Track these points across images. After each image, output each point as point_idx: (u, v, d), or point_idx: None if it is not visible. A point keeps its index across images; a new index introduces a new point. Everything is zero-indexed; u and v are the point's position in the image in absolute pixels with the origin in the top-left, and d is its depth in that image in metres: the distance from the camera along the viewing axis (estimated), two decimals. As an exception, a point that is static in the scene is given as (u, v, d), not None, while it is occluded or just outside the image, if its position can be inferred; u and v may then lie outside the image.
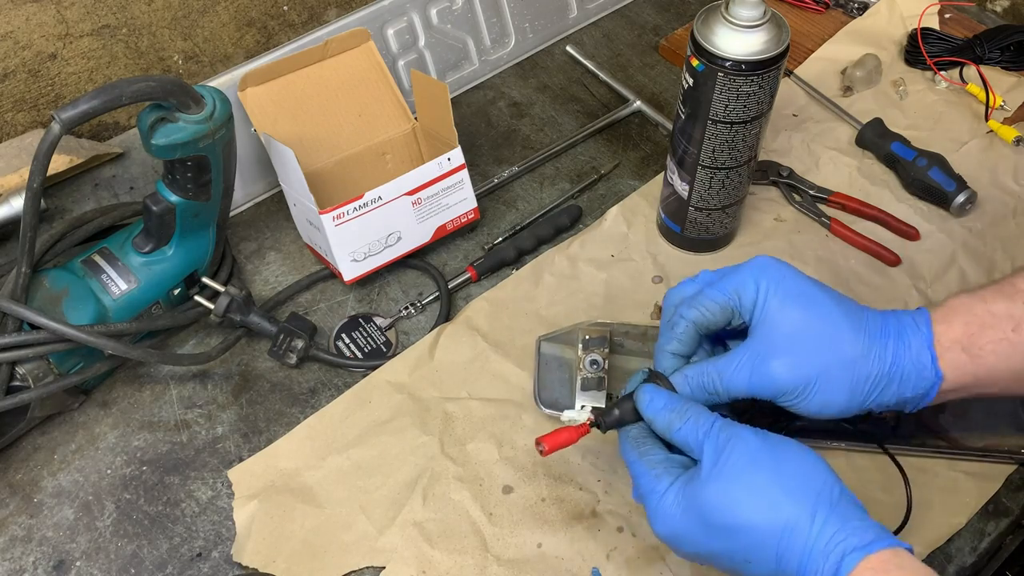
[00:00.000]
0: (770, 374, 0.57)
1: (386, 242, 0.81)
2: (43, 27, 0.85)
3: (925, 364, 0.57)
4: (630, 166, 0.94)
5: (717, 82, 0.70)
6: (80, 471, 0.71)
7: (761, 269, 0.59)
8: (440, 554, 0.66)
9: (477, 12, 0.98)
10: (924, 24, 1.01)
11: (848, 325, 0.58)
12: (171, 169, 0.71)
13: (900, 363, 0.57)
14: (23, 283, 0.67)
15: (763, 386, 0.57)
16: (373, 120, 0.88)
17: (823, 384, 0.57)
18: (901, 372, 0.57)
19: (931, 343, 0.57)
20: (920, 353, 0.57)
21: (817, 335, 0.57)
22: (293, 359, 0.76)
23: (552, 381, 0.74)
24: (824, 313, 0.58)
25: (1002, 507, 0.69)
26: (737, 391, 0.58)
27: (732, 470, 0.53)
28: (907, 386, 0.58)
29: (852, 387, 0.57)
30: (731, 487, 0.53)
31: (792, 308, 0.58)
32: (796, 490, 0.52)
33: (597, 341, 0.73)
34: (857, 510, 0.52)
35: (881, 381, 0.57)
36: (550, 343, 0.75)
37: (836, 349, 0.57)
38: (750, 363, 0.57)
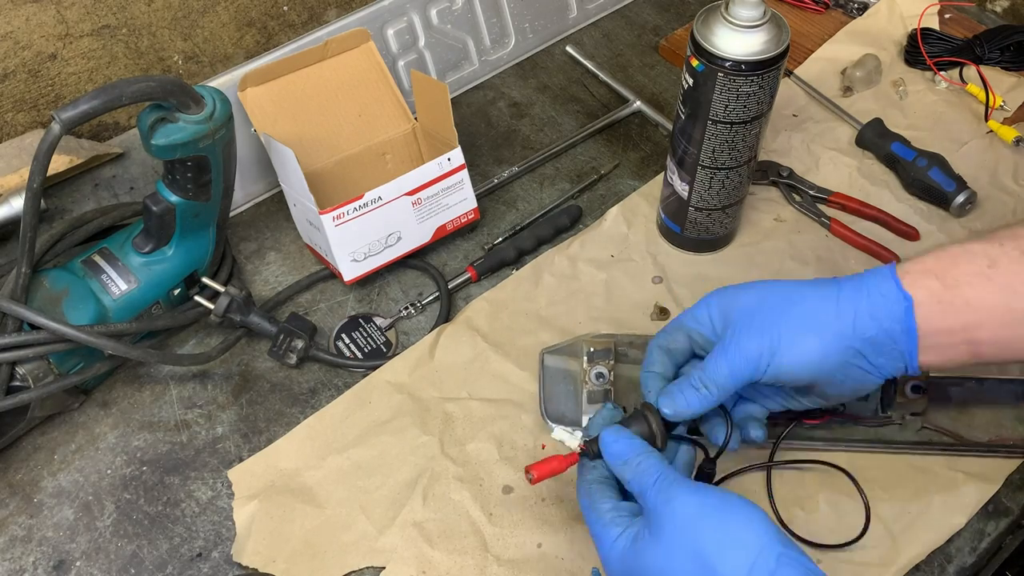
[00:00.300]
0: (740, 349, 0.58)
1: (386, 242, 0.81)
2: (43, 27, 0.85)
3: (889, 288, 0.56)
4: (630, 166, 0.94)
5: (717, 82, 0.70)
6: (80, 471, 0.71)
7: (713, 293, 0.62)
8: (440, 554, 0.66)
9: (477, 12, 0.98)
10: (924, 24, 1.01)
11: (801, 285, 0.59)
12: (171, 169, 0.71)
13: (863, 290, 0.56)
14: (23, 283, 0.67)
15: (741, 365, 0.58)
16: (373, 120, 0.88)
17: (790, 338, 0.57)
18: (868, 300, 0.56)
19: (894, 273, 0.57)
20: (882, 280, 0.56)
21: (771, 302, 0.59)
22: (293, 359, 0.76)
23: (558, 394, 0.73)
24: (775, 287, 0.60)
25: (1002, 507, 0.69)
26: (721, 378, 0.58)
27: (667, 538, 0.52)
28: (879, 311, 0.56)
29: (820, 332, 0.57)
30: (665, 556, 0.52)
31: (743, 295, 0.60)
32: (730, 554, 0.50)
33: (601, 353, 0.73)
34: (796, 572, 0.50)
35: (847, 317, 0.56)
36: (554, 356, 0.75)
37: (794, 306, 0.58)
38: (723, 351, 0.59)
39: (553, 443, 0.72)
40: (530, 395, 0.75)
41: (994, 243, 0.56)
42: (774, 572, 0.49)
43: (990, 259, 0.55)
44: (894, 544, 0.66)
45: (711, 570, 0.50)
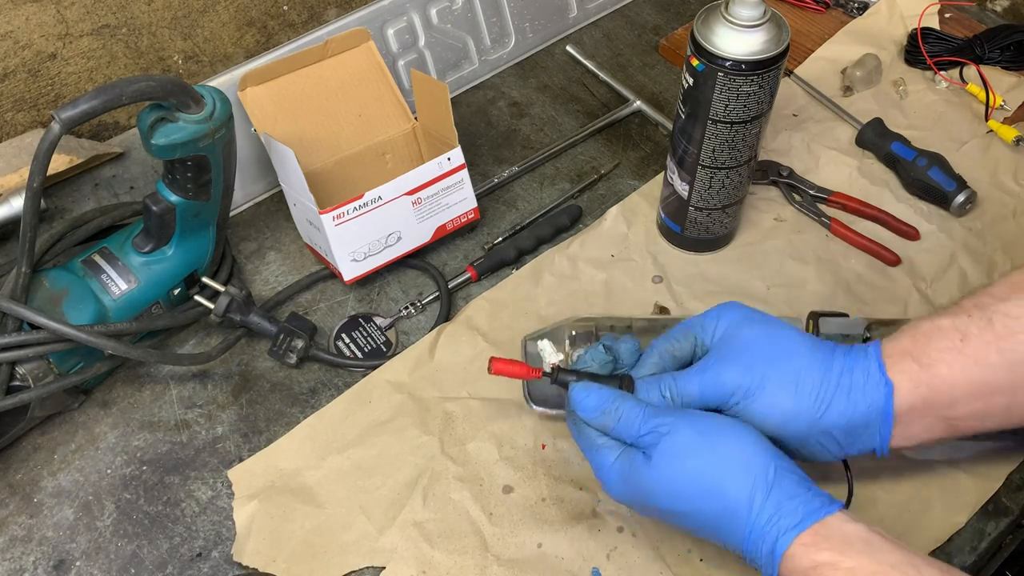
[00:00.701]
0: (718, 377, 0.59)
1: (386, 242, 0.81)
2: (43, 27, 0.85)
3: (873, 371, 0.57)
4: (630, 166, 0.94)
5: (717, 82, 0.70)
6: (80, 471, 0.71)
7: (727, 306, 0.63)
8: (440, 554, 0.66)
9: (477, 12, 0.98)
10: (924, 24, 1.01)
11: (801, 342, 0.59)
12: (171, 169, 0.71)
13: (849, 369, 0.58)
14: (23, 283, 0.67)
15: (712, 391, 0.59)
16: (373, 120, 0.88)
17: (769, 385, 0.58)
18: (850, 379, 0.58)
19: (879, 355, 0.58)
20: (868, 362, 0.58)
21: (767, 347, 0.59)
22: (293, 359, 0.76)
23: (541, 380, 0.73)
24: (777, 333, 0.60)
25: (1002, 507, 0.69)
26: (689, 396, 0.59)
27: (666, 461, 0.55)
28: (857, 396, 0.57)
29: (797, 390, 0.58)
30: (666, 478, 0.55)
31: (747, 328, 0.61)
32: (730, 477, 0.54)
33: (583, 337, 0.73)
34: (796, 485, 0.54)
35: (828, 388, 0.57)
36: (536, 342, 0.74)
37: (784, 358, 0.59)
38: (701, 371, 0.60)
39: (552, 443, 0.72)
40: (530, 395, 0.75)
41: (962, 316, 0.57)
42: (773, 483, 0.53)
43: (961, 333, 0.57)
44: (894, 544, 0.66)
45: (718, 488, 0.54)
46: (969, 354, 0.56)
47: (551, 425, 0.73)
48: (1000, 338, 0.56)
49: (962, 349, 0.56)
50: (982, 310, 0.57)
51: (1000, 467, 0.70)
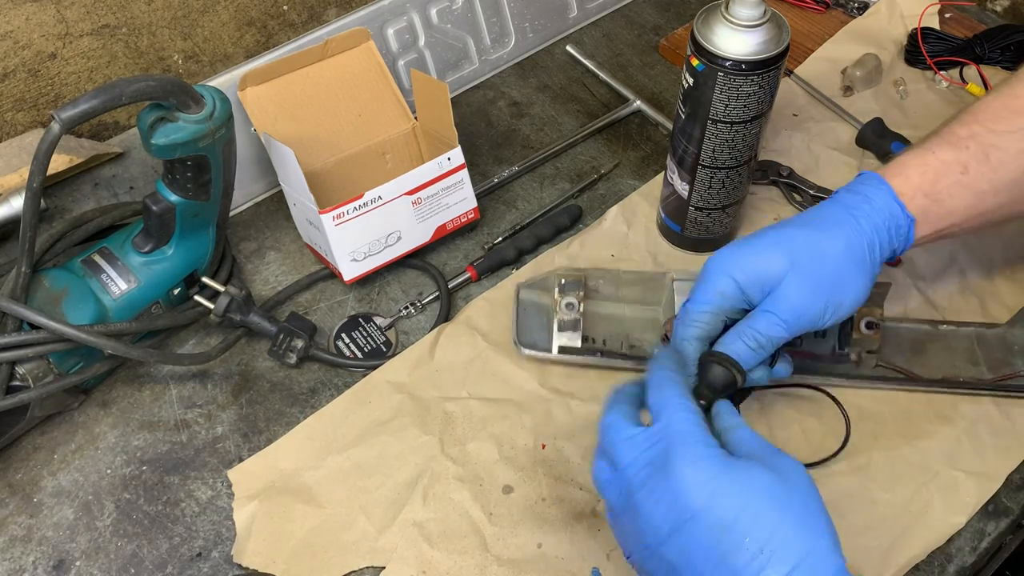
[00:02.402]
0: (801, 311, 0.60)
1: (386, 242, 0.81)
2: (43, 27, 0.85)
3: (897, 214, 0.62)
4: (630, 166, 0.94)
5: (717, 82, 0.70)
6: (80, 471, 0.71)
7: (720, 263, 0.62)
8: (440, 554, 0.66)
9: (477, 12, 0.98)
10: (924, 24, 1.01)
11: (822, 232, 0.62)
12: (171, 169, 0.71)
13: (877, 220, 0.62)
14: (23, 283, 0.67)
15: (802, 325, 0.60)
16: (373, 120, 0.88)
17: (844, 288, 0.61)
18: (884, 227, 0.62)
19: (895, 195, 0.63)
20: (889, 202, 0.62)
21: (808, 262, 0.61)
22: (293, 359, 0.76)
23: (531, 326, 0.77)
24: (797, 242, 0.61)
25: (1002, 507, 0.69)
26: (779, 341, 0.60)
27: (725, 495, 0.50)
28: (892, 239, 0.62)
29: (861, 270, 0.61)
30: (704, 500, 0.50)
31: (769, 259, 0.61)
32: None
33: (572, 285, 0.76)
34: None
35: (875, 251, 0.62)
36: (528, 289, 0.79)
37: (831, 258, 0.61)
38: (776, 314, 0.60)
39: (552, 443, 0.72)
40: (531, 394, 0.75)
41: (960, 148, 0.63)
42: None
43: (962, 166, 0.63)
44: (894, 544, 0.66)
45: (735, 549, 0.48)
46: (970, 186, 0.63)
47: (551, 425, 0.73)
48: (993, 170, 0.63)
49: (964, 182, 0.63)
50: (978, 143, 0.63)
51: (1000, 467, 0.70)
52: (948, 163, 0.63)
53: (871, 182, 0.64)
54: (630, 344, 0.76)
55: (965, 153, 0.63)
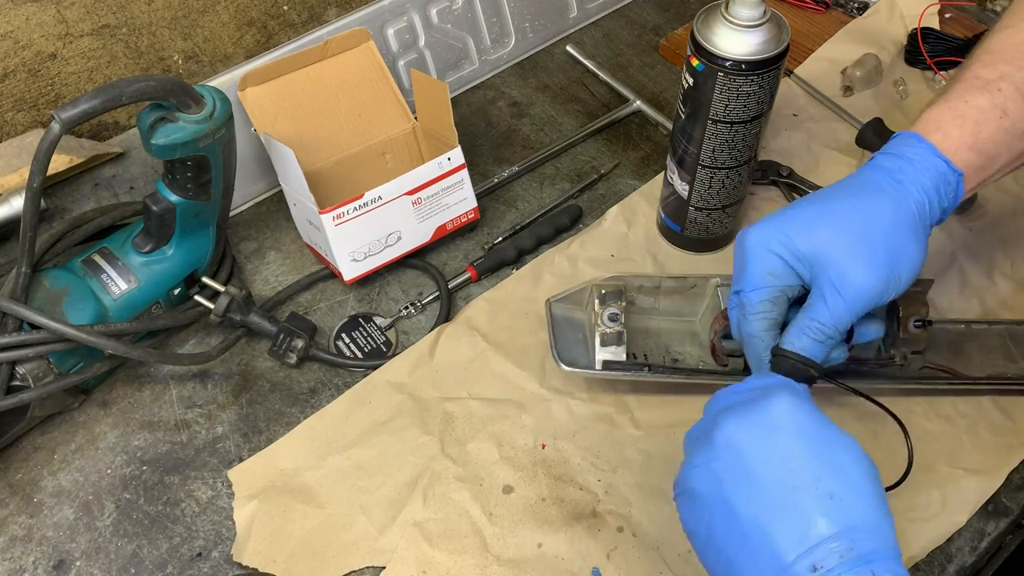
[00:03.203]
0: (860, 290, 0.57)
1: (386, 242, 0.81)
2: (43, 27, 0.85)
3: (944, 171, 0.60)
4: (630, 166, 0.94)
5: (717, 82, 0.70)
6: (80, 471, 0.71)
7: (760, 238, 0.59)
8: (440, 554, 0.66)
9: (477, 12, 0.98)
10: (924, 24, 1.01)
11: (867, 198, 0.59)
12: (171, 169, 0.71)
13: (924, 181, 0.59)
14: (23, 283, 0.67)
15: (864, 304, 0.57)
16: (373, 120, 0.88)
17: (903, 259, 0.58)
18: (932, 187, 0.59)
19: (938, 152, 0.60)
20: (935, 161, 0.60)
21: (857, 233, 0.58)
22: (293, 359, 0.76)
23: (568, 341, 0.73)
24: (844, 211, 0.59)
25: (1002, 507, 0.69)
26: (846, 325, 0.58)
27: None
28: (942, 197, 0.60)
29: (917, 236, 0.59)
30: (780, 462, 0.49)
31: (818, 233, 0.58)
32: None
33: (613, 295, 0.72)
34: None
35: (924, 214, 0.59)
36: (560, 303, 0.75)
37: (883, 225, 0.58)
38: (838, 295, 0.57)
39: (552, 443, 0.72)
40: (531, 395, 0.75)
41: (993, 91, 0.60)
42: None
43: (1001, 110, 0.60)
44: (894, 544, 0.66)
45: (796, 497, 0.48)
46: (1010, 129, 0.60)
47: (551, 425, 0.73)
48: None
49: (1004, 126, 0.60)
50: (1009, 82, 0.60)
51: (1000, 467, 0.70)
52: (985, 110, 0.60)
53: (909, 142, 0.61)
54: (672, 358, 0.74)
55: (1000, 96, 0.60)
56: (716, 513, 0.50)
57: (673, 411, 0.73)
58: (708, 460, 0.51)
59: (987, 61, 0.62)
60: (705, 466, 0.51)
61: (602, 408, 0.74)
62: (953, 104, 0.61)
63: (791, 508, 0.47)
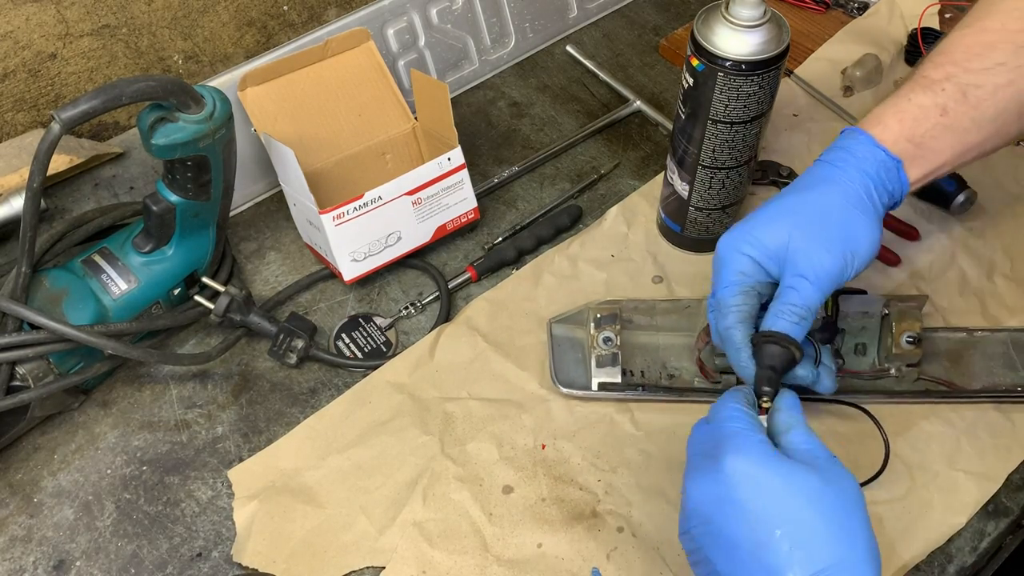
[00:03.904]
0: (824, 269, 0.61)
1: (386, 242, 0.81)
2: (43, 27, 0.85)
3: (882, 158, 0.63)
4: (630, 166, 0.94)
5: (717, 82, 0.70)
6: (80, 471, 0.71)
7: (733, 242, 0.64)
8: (440, 554, 0.66)
9: (477, 12, 0.98)
10: (924, 24, 1.01)
11: (812, 194, 0.64)
12: (171, 169, 0.71)
13: (867, 171, 0.63)
14: (23, 283, 0.67)
15: (829, 282, 0.61)
16: (373, 120, 0.88)
17: (857, 236, 0.62)
18: (875, 174, 0.63)
19: (876, 142, 0.63)
20: (873, 152, 0.63)
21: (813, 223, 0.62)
22: (293, 359, 0.76)
23: (567, 362, 0.75)
24: (800, 209, 0.63)
25: (1002, 507, 0.69)
26: (816, 303, 0.61)
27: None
28: (886, 183, 0.63)
29: (867, 215, 0.62)
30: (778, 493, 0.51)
31: (778, 231, 0.62)
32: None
33: (608, 319, 0.74)
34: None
35: (873, 196, 0.63)
36: (560, 324, 0.77)
37: (835, 212, 0.62)
38: (803, 278, 0.61)
39: (552, 443, 0.72)
40: (531, 395, 0.75)
41: (936, 91, 0.64)
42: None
43: (941, 109, 0.63)
44: (894, 544, 0.66)
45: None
46: (950, 126, 0.63)
47: (551, 425, 0.73)
48: (974, 108, 0.63)
49: (944, 123, 0.63)
50: (954, 83, 0.63)
51: (999, 469, 0.70)
52: (926, 108, 0.63)
53: (849, 136, 0.65)
54: (668, 373, 0.75)
55: (942, 96, 0.63)
56: (706, 571, 0.53)
57: (673, 412, 0.73)
58: (687, 527, 0.54)
59: (937, 62, 0.65)
60: (687, 532, 0.55)
61: (602, 408, 0.74)
62: (897, 101, 0.65)
63: (758, 566, 0.49)
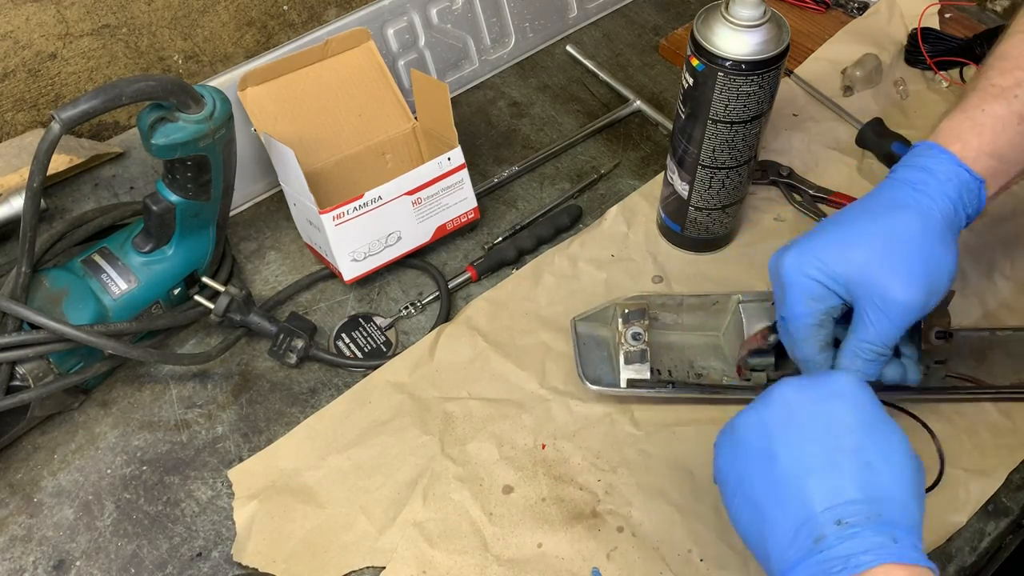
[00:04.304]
0: (903, 306, 0.59)
1: (386, 242, 0.81)
2: (43, 27, 0.85)
3: (966, 179, 0.60)
4: (630, 166, 0.94)
5: (717, 82, 0.70)
6: (80, 471, 0.71)
7: (793, 262, 0.61)
8: (440, 554, 0.66)
9: (477, 12, 0.98)
10: (924, 24, 1.01)
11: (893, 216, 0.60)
12: (171, 169, 0.71)
13: (949, 195, 0.60)
14: (23, 283, 0.67)
15: (909, 318, 0.59)
16: (373, 120, 0.88)
17: (935, 268, 0.59)
18: (956, 196, 0.60)
19: (959, 161, 0.61)
20: (957, 173, 0.60)
21: (888, 249, 0.60)
22: (293, 359, 0.76)
23: (593, 359, 0.74)
24: (876, 231, 0.60)
25: (1002, 507, 0.69)
26: (894, 341, 0.60)
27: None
28: (966, 205, 0.61)
29: (947, 246, 0.60)
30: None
31: (852, 254, 0.60)
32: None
33: (636, 314, 0.73)
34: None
35: (952, 222, 0.61)
36: (585, 323, 0.76)
37: (913, 240, 0.59)
38: (883, 315, 0.59)
39: (552, 443, 0.72)
40: (531, 395, 0.75)
41: (1010, 99, 0.62)
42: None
43: (1018, 117, 0.61)
44: (894, 544, 0.66)
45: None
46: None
47: (551, 425, 0.73)
48: None
49: (1022, 131, 0.62)
50: (1021, 87, 0.62)
51: (1000, 468, 0.70)
52: (1003, 118, 0.62)
53: (929, 153, 0.62)
54: (696, 372, 0.74)
55: (1016, 102, 0.62)
56: (756, 459, 0.52)
57: (673, 411, 0.73)
58: (760, 410, 0.53)
59: (1002, 68, 0.63)
60: (756, 415, 0.53)
61: (602, 408, 0.74)
62: (970, 113, 0.62)
63: (830, 466, 0.49)
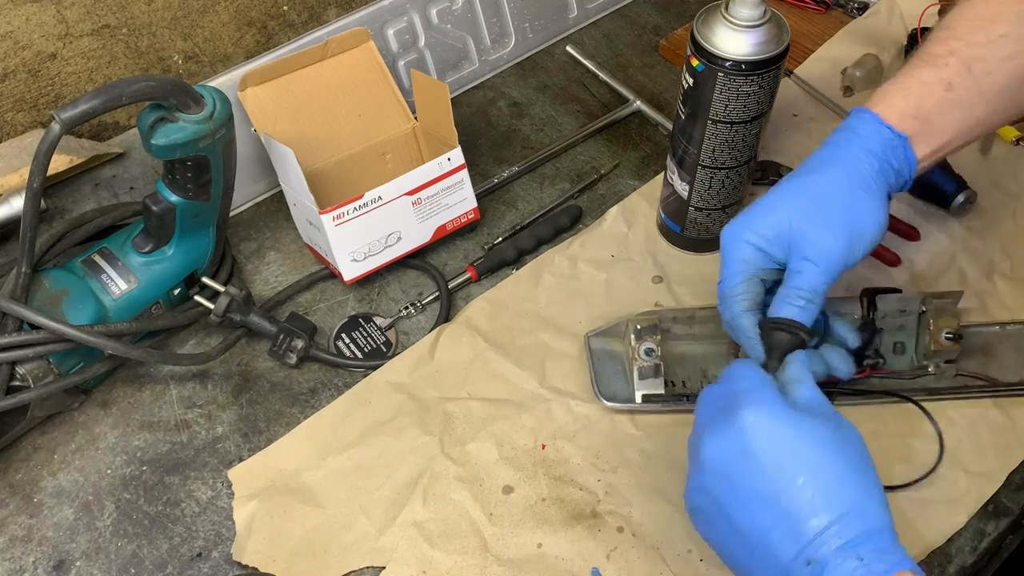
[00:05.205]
0: (828, 252, 0.60)
1: (386, 242, 0.81)
2: (43, 27, 0.85)
3: (887, 135, 0.62)
4: (630, 166, 0.94)
5: (717, 82, 0.70)
6: (80, 471, 0.71)
7: (737, 231, 0.63)
8: (440, 554, 0.66)
9: (477, 12, 0.98)
10: (924, 24, 1.01)
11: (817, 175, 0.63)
12: (171, 169, 0.71)
13: (872, 150, 0.62)
14: (23, 283, 0.67)
15: (834, 264, 0.60)
16: (373, 120, 0.88)
17: (861, 215, 0.61)
18: (881, 152, 0.62)
19: (880, 119, 0.62)
20: (877, 130, 0.62)
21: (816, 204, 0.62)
22: (293, 359, 0.76)
23: (607, 375, 0.74)
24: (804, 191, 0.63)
25: (1002, 507, 0.69)
26: (823, 287, 0.61)
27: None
28: (893, 160, 0.62)
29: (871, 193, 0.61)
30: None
31: (780, 215, 0.62)
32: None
33: (649, 330, 0.73)
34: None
35: (880, 176, 0.62)
36: (598, 338, 0.76)
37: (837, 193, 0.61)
38: (807, 261, 0.61)
39: (552, 443, 0.72)
40: (531, 394, 0.75)
41: (940, 66, 0.63)
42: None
43: (945, 84, 0.63)
44: (894, 544, 0.66)
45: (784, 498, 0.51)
46: (956, 101, 0.63)
47: (551, 425, 0.73)
48: (977, 82, 0.63)
49: (950, 99, 0.63)
50: (957, 58, 0.63)
51: (1000, 468, 0.70)
52: (930, 83, 0.63)
53: (854, 115, 0.64)
54: (709, 381, 0.75)
55: (946, 71, 0.63)
56: (720, 525, 0.54)
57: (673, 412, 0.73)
58: (700, 482, 0.55)
59: (940, 37, 0.65)
60: (700, 488, 0.55)
61: (602, 408, 0.74)
62: (900, 80, 0.64)
63: (780, 514, 0.51)
